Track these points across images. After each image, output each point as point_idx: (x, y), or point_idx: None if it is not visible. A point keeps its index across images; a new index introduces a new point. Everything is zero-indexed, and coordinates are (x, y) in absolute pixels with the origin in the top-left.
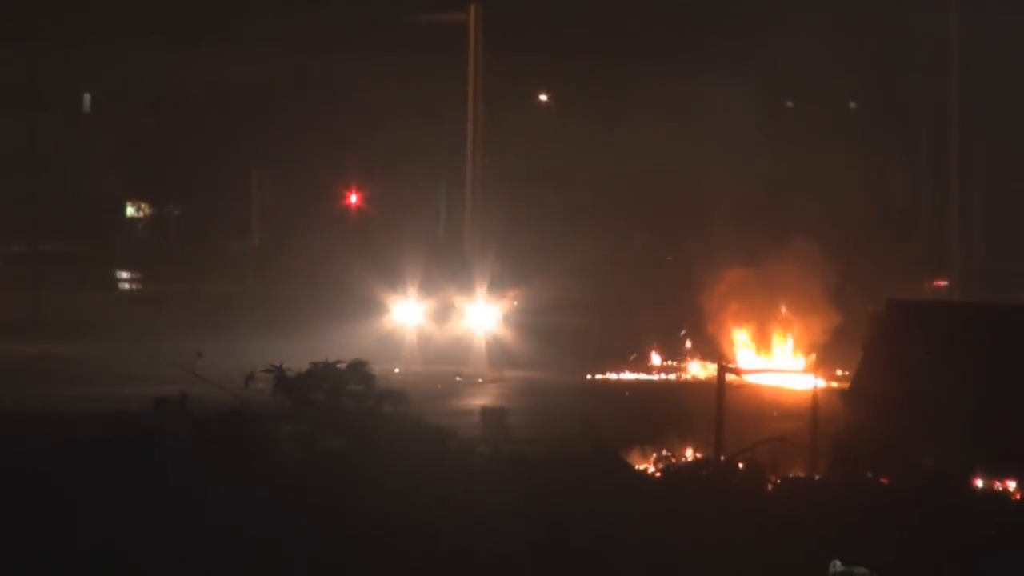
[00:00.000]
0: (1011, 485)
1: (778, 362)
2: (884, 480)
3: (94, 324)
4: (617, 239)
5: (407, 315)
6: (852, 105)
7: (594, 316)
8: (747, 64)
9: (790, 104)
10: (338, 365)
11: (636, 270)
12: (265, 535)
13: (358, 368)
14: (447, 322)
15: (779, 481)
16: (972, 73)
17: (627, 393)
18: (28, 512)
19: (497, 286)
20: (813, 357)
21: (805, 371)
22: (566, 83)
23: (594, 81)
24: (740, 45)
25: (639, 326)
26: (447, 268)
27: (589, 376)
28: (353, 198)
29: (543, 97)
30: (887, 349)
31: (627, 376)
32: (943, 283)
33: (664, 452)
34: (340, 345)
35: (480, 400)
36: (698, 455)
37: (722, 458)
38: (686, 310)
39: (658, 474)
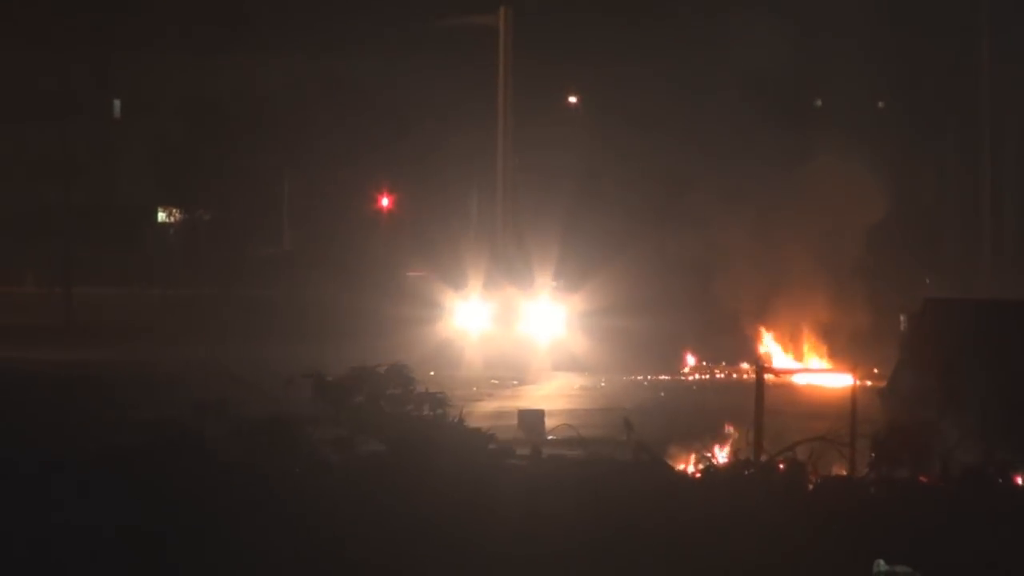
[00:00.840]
0: None
1: (814, 362)
2: (924, 479)
3: (128, 329)
4: (653, 239)
5: (468, 318)
6: (880, 104)
7: (647, 317)
8: (775, 63)
9: (819, 103)
10: (378, 369)
11: (678, 271)
12: (301, 539)
13: (398, 371)
14: (509, 325)
15: (820, 481)
16: (1002, 69)
17: (663, 394)
18: (68, 518)
19: (558, 287)
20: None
21: (842, 370)
22: (597, 84)
23: (626, 82)
24: (766, 44)
25: (680, 328)
26: (508, 269)
27: (632, 377)
28: (384, 201)
29: (572, 99)
30: (925, 347)
31: (664, 377)
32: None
33: (704, 452)
34: (398, 350)
35: (520, 403)
36: (738, 455)
37: (762, 458)
38: (723, 311)
39: (698, 475)
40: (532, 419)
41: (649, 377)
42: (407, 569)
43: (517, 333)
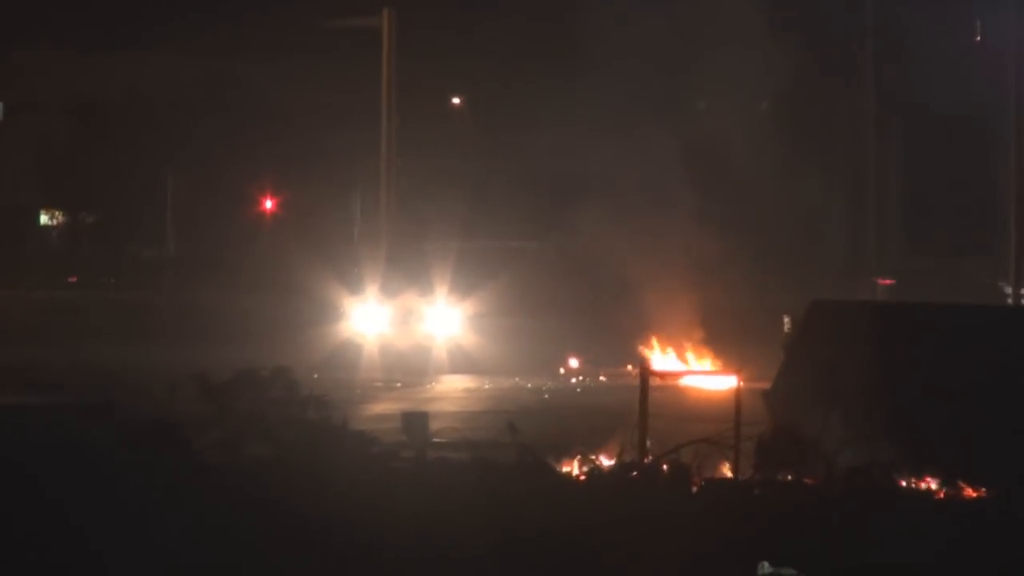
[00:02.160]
0: (933, 484)
1: (698, 364)
2: (809, 480)
3: (10, 332)
4: (538, 240)
5: (366, 321)
6: (764, 106)
7: (535, 320)
8: (658, 65)
9: (703, 106)
10: (262, 372)
11: (566, 274)
12: (183, 543)
13: (282, 375)
14: (408, 326)
15: (704, 483)
16: (886, 70)
17: (546, 396)
18: None
19: (454, 290)
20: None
21: (727, 372)
22: (480, 86)
23: (507, 84)
24: (649, 44)
25: (565, 330)
26: (406, 271)
27: (517, 380)
28: (268, 203)
29: (456, 100)
30: (810, 348)
31: (549, 381)
32: (887, 282)
33: (589, 455)
34: (293, 354)
35: (406, 405)
36: (622, 458)
37: (647, 460)
38: (608, 313)
39: (583, 477)
40: (416, 421)
41: (540, 380)
42: (293, 572)
43: (415, 336)
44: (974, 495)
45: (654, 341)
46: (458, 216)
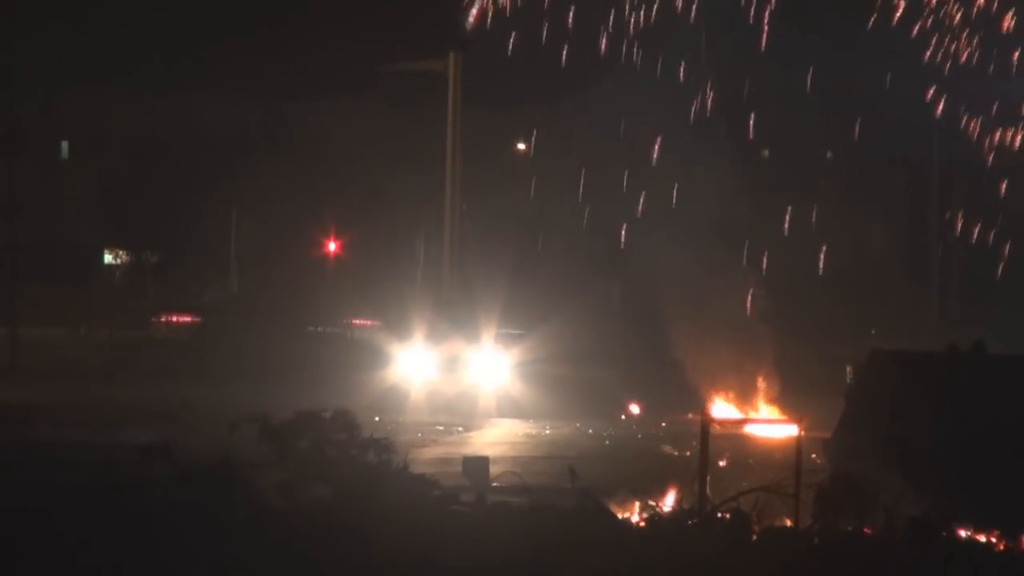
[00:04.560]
0: (995, 535)
1: (760, 412)
2: (868, 530)
3: (74, 370)
4: (597, 287)
5: (413, 366)
6: (828, 155)
7: (595, 366)
8: (722, 112)
9: (766, 153)
10: (323, 414)
11: (622, 320)
12: None
13: (343, 417)
14: (454, 373)
15: (764, 531)
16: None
17: (607, 442)
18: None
19: (503, 336)
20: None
21: (788, 421)
22: (544, 129)
23: (572, 127)
24: (713, 93)
25: (626, 378)
26: (452, 317)
27: (578, 425)
28: (332, 246)
29: (521, 145)
30: (871, 398)
31: (610, 427)
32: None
33: (649, 501)
34: (343, 396)
35: (465, 449)
36: (682, 505)
37: (707, 507)
38: (669, 362)
39: (643, 523)
40: (477, 466)
41: (601, 426)
42: None
43: (462, 380)
44: None
45: (715, 389)
46: (514, 260)
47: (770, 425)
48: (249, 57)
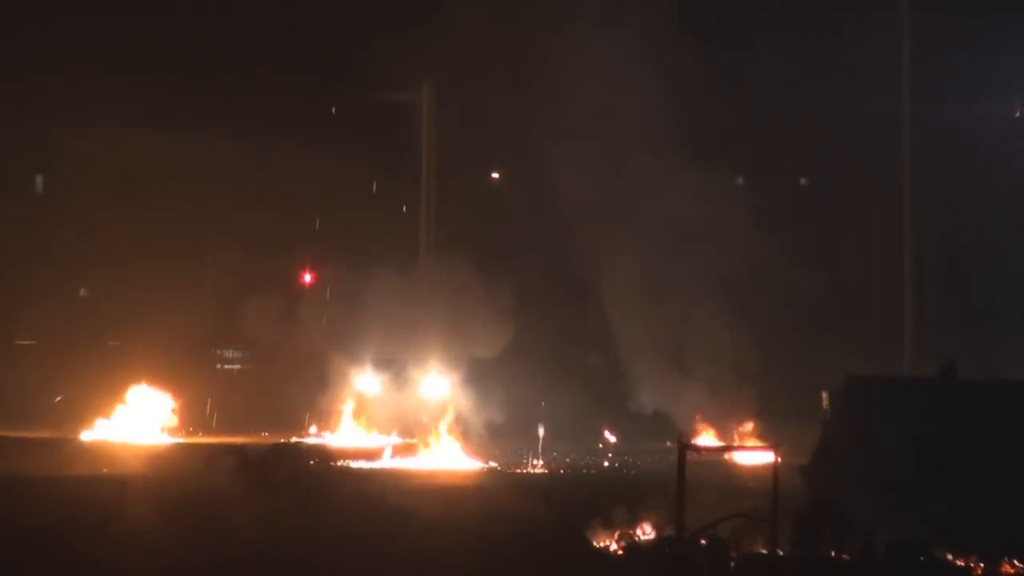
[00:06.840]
0: (973, 559)
1: (737, 439)
2: (846, 556)
3: (40, 405)
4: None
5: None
6: (803, 181)
7: (568, 394)
8: (701, 140)
9: (740, 180)
10: (299, 445)
11: (598, 348)
12: None
13: (319, 447)
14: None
15: (742, 558)
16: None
17: (585, 471)
18: None
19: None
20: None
21: (764, 448)
22: (518, 159)
23: (543, 157)
24: (692, 121)
25: (600, 405)
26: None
27: (554, 453)
28: (307, 278)
29: (495, 175)
30: (847, 424)
31: (585, 455)
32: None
33: (627, 530)
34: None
35: (444, 479)
36: (660, 532)
37: (684, 535)
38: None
39: (620, 552)
40: (461, 495)
41: (575, 453)
42: None
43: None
44: (1012, 572)
45: (694, 417)
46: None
47: (747, 452)
48: (222, 91)
